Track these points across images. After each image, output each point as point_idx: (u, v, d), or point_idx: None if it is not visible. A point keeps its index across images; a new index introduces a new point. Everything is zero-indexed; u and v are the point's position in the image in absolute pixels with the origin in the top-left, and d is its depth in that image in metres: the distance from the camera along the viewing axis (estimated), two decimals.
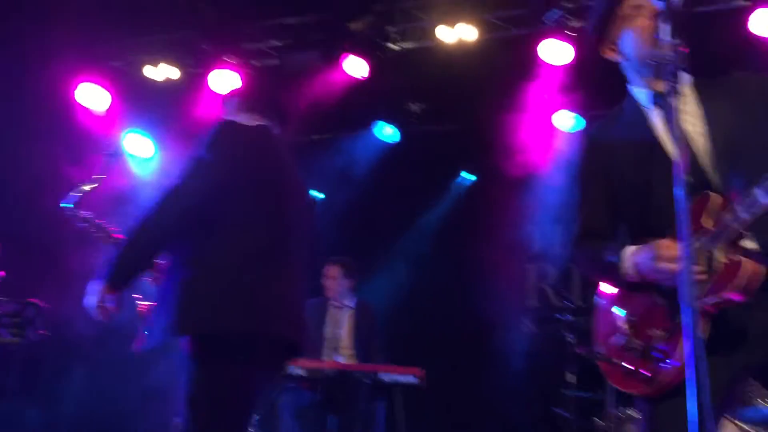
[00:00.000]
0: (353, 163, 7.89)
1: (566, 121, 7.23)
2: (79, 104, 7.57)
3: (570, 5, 6.60)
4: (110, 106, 7.63)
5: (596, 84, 6.86)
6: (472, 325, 7.63)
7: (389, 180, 7.92)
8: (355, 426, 5.63)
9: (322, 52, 7.15)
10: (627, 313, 2.53)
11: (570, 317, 6.12)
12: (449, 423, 7.02)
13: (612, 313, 2.60)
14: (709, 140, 2.39)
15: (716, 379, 1.98)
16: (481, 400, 7.30)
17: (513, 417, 6.98)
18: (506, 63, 7.01)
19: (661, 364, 2.30)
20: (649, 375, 2.33)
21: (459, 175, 8.31)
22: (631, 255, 2.44)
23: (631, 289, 2.52)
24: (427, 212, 7.95)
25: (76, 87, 7.49)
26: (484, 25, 6.86)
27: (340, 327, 6.45)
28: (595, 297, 2.75)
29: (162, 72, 7.47)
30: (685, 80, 2.54)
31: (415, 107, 7.94)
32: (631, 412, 5.24)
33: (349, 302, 6.58)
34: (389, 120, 7.72)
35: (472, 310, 7.69)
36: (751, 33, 5.95)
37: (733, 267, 2.19)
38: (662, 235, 2.37)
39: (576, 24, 6.68)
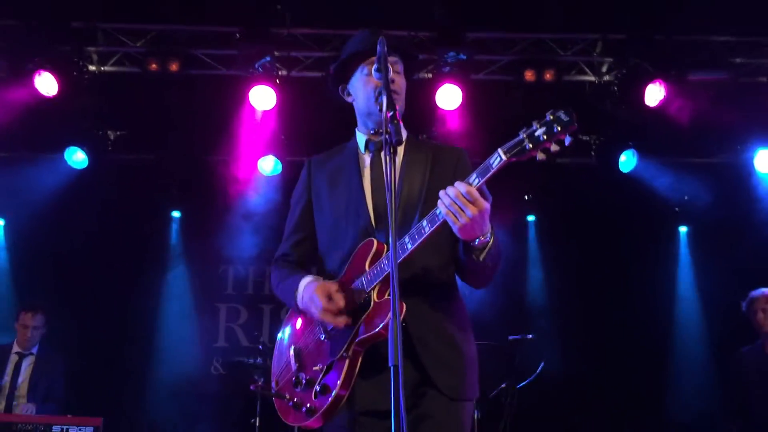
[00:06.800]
0: (39, 188, 7.13)
1: (268, 164, 7.34)
2: None
3: (279, 54, 6.80)
4: None
5: (297, 131, 7.18)
6: (160, 367, 7.31)
7: (78, 208, 7.30)
8: None
9: (9, 62, 6.44)
10: (296, 348, 2.70)
11: (259, 360, 6.13)
12: None
13: (286, 348, 2.76)
14: (399, 192, 2.64)
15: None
16: None
17: None
18: (212, 100, 6.96)
19: (323, 396, 2.48)
20: (313, 407, 2.51)
21: (156, 206, 7.92)
22: (304, 286, 2.63)
23: (305, 318, 2.70)
24: (120, 245, 7.43)
25: None
26: (192, 60, 6.75)
27: (20, 375, 5.89)
28: (277, 333, 2.87)
29: None
30: (401, 137, 2.78)
31: (111, 134, 7.45)
32: None
33: (33, 348, 6.05)
34: (81, 144, 7.10)
35: (161, 353, 7.37)
36: (435, 104, 6.67)
37: (383, 305, 2.43)
38: (339, 270, 2.62)
39: (283, 72, 6.91)
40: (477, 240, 2.38)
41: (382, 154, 2.68)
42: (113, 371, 7.01)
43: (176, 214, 8.01)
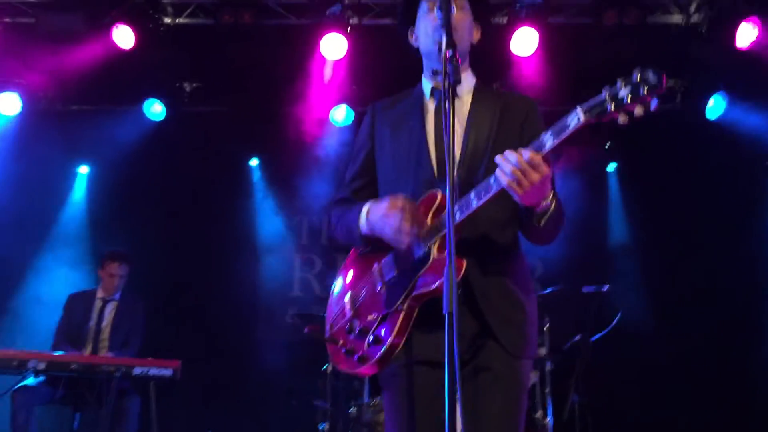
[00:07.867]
0: (120, 139, 7.36)
1: (340, 114, 7.31)
2: None
3: (349, 1, 6.68)
4: None
5: (368, 80, 7.09)
6: (235, 315, 7.49)
7: (157, 159, 7.49)
8: (104, 423, 5.25)
9: (87, 16, 6.56)
10: (352, 295, 2.66)
11: None
12: (207, 418, 6.79)
13: (342, 294, 2.72)
14: (464, 143, 2.56)
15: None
16: (242, 393, 7.20)
17: (273, 410, 6.96)
18: (284, 50, 6.94)
19: (375, 346, 2.44)
20: (365, 355, 2.46)
21: (232, 157, 8.06)
22: (366, 209, 2.54)
23: (363, 266, 2.65)
24: (196, 196, 7.61)
25: None
26: (264, 11, 6.71)
27: (104, 320, 6.16)
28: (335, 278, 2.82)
29: None
30: (467, 83, 2.71)
31: (187, 86, 7.58)
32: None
33: (116, 294, 6.30)
34: (158, 97, 7.27)
35: (236, 300, 7.55)
36: (510, 51, 6.44)
37: (443, 260, 2.29)
38: None
39: (355, 20, 6.80)
40: (538, 207, 2.30)
41: (446, 101, 2.57)
42: (191, 317, 7.25)
43: (254, 162, 8.15)
